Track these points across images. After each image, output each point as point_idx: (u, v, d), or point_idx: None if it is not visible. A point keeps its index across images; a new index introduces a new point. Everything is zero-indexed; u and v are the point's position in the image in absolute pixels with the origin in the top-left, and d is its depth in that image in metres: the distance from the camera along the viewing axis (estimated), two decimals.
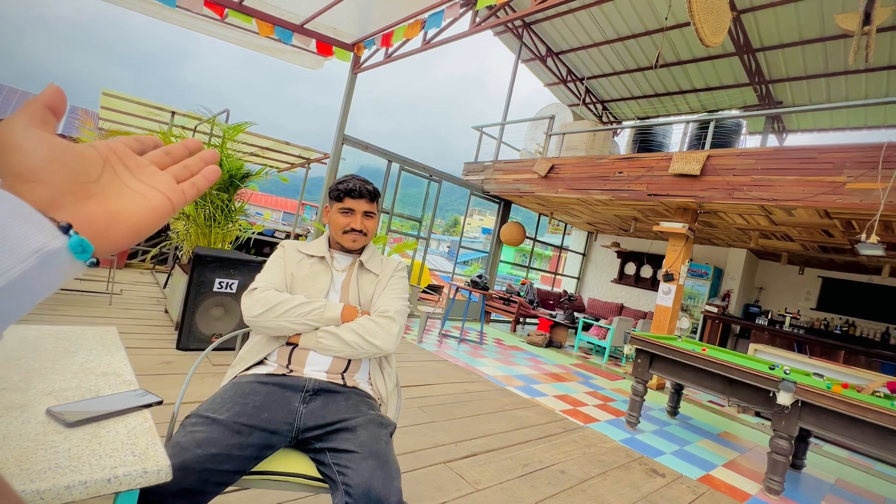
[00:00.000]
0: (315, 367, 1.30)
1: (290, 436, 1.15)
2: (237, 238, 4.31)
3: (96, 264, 0.33)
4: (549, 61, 9.40)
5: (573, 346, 7.36)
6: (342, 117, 5.86)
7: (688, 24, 4.14)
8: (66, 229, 0.31)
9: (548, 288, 10.54)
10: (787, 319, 7.54)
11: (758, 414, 5.02)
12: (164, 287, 5.02)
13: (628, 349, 3.98)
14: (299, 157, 8.18)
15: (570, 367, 5.81)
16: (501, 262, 8.96)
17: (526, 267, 10.12)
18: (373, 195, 1.43)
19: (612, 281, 10.27)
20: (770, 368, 3.33)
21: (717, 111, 9.11)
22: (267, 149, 7.63)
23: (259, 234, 7.38)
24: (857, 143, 4.15)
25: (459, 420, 3.00)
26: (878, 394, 3.08)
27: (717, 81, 8.55)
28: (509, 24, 8.44)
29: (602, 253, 10.59)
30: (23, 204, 0.29)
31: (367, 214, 1.42)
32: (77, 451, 0.68)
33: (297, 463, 1.15)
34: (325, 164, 7.15)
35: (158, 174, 0.40)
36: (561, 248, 10.93)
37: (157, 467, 0.69)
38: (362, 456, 1.04)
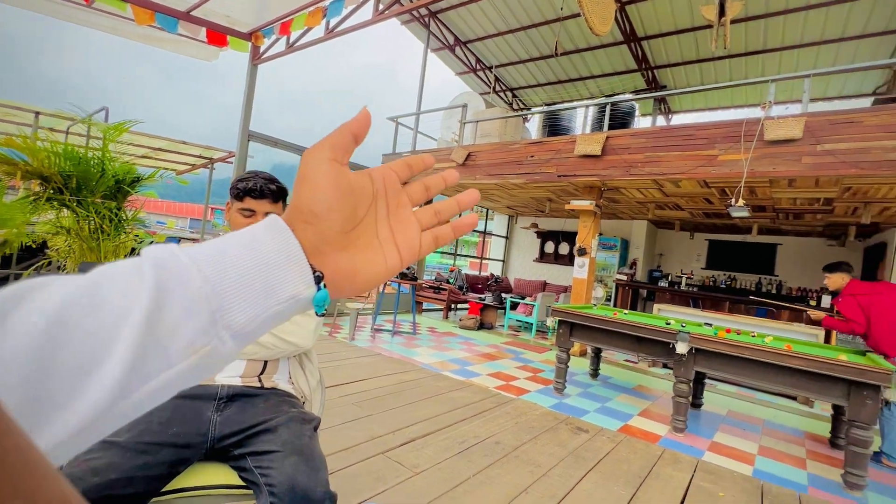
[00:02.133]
0: (227, 374, 1.23)
1: (204, 447, 1.08)
2: (133, 250, 3.90)
3: (323, 316, 0.33)
4: (458, 50, 9.54)
5: (503, 326, 7.68)
6: (245, 112, 5.49)
7: (580, 14, 4.44)
8: (319, 279, 0.31)
9: (476, 273, 10.84)
10: (683, 280, 8.51)
11: (664, 365, 5.63)
12: None
13: (551, 321, 4.24)
14: (200, 157, 7.53)
15: (501, 346, 6.06)
16: None
17: (453, 254, 10.31)
18: (276, 195, 1.34)
19: (534, 260, 10.83)
20: (666, 324, 3.75)
21: (612, 95, 9.89)
22: (161, 150, 6.93)
23: (161, 244, 6.72)
24: (724, 120, 4.76)
25: (395, 410, 3.01)
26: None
27: (610, 68, 9.27)
28: (414, 13, 8.42)
29: (523, 234, 11.10)
30: (296, 246, 0.30)
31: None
32: None
33: (215, 474, 1.09)
34: (232, 163, 6.68)
35: (410, 223, 0.37)
36: (485, 233, 11.28)
37: None
38: (285, 454, 1.01)
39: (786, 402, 4.72)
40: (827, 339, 4.50)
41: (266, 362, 1.27)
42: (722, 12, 3.90)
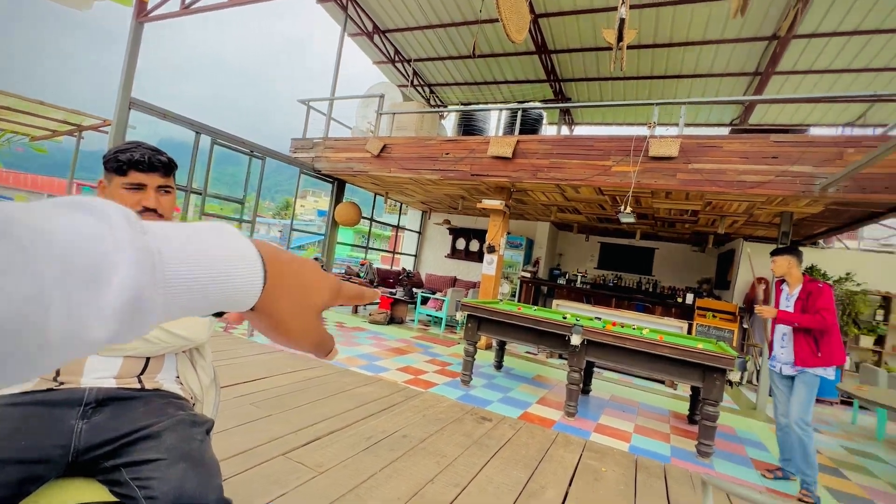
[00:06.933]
0: (98, 374, 1.05)
1: (65, 461, 0.92)
2: None
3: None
4: (377, 38, 9.32)
5: (413, 321, 7.71)
6: (126, 75, 4.78)
7: (497, 20, 4.61)
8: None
9: (387, 267, 10.74)
10: (579, 278, 9.31)
11: (560, 356, 6.12)
12: None
13: (460, 316, 4.36)
14: (65, 122, 6.38)
15: (411, 340, 6.08)
16: (340, 243, 8.73)
17: (365, 248, 10.09)
18: (168, 167, 1.19)
19: (445, 256, 11.04)
20: (563, 318, 4.07)
21: (524, 102, 10.44)
22: (6, 108, 5.73)
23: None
24: (618, 135, 5.29)
25: (299, 408, 2.87)
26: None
27: (523, 75, 9.77)
28: None
29: (436, 230, 11.25)
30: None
31: (161, 190, 1.18)
32: None
33: (79, 490, 0.93)
34: (106, 133, 5.79)
35: None
36: (398, 227, 11.22)
37: None
38: (170, 461, 0.90)
39: (656, 386, 5.41)
40: (689, 331, 5.26)
41: (148, 359, 1.12)
42: (620, 37, 4.32)
